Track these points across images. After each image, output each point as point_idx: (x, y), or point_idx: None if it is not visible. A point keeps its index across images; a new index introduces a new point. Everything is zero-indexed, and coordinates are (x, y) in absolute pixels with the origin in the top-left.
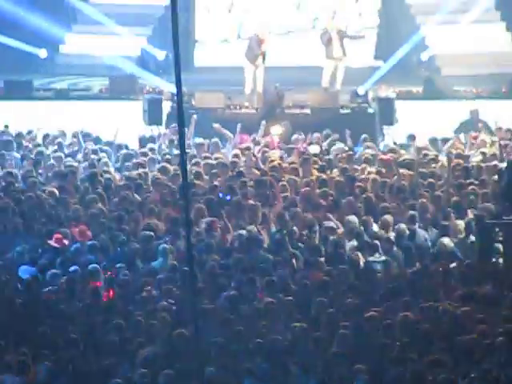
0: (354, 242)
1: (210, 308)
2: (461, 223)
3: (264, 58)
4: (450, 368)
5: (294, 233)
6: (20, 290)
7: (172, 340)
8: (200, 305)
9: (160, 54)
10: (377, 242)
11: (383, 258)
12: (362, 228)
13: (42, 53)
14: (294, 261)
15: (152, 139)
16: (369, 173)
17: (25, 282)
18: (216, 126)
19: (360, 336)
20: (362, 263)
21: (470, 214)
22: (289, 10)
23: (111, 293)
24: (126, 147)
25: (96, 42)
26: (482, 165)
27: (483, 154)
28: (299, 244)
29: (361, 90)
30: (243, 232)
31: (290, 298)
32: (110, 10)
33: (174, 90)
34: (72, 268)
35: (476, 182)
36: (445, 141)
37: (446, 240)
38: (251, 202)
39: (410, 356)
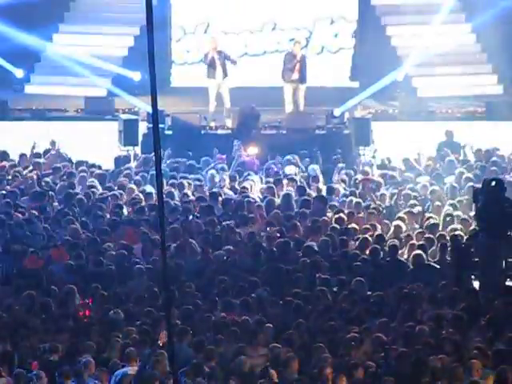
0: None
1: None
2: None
3: (226, 75)
4: None
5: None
6: None
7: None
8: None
9: (135, 75)
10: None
11: (359, 278)
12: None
13: (19, 72)
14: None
15: (127, 159)
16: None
17: None
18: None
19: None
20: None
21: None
22: (265, 30)
23: (87, 312)
24: (100, 167)
25: (72, 62)
26: (455, 185)
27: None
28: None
29: (337, 112)
30: (220, 253)
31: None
32: (87, 30)
33: (150, 111)
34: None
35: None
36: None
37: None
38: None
39: None
